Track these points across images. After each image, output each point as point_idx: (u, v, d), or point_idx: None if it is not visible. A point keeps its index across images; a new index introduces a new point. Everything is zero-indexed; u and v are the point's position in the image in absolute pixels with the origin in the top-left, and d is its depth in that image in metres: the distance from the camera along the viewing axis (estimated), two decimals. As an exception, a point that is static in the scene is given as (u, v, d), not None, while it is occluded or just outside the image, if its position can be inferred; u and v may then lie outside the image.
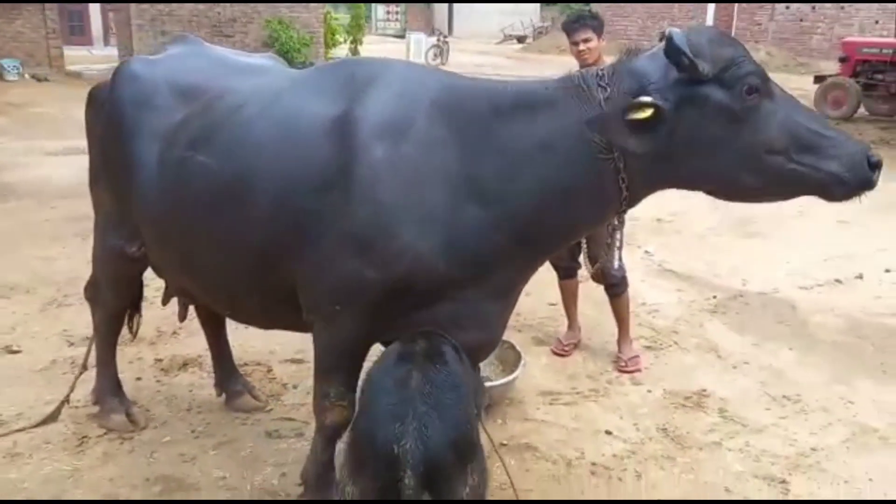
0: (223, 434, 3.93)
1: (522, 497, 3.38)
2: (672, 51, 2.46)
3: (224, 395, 4.20)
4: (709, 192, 2.73)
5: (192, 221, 3.04)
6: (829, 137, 2.54)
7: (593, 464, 3.72)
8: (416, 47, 28.41)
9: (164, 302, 3.91)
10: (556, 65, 21.92)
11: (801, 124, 2.54)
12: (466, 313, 2.85)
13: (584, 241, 4.51)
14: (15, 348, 4.83)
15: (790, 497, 3.47)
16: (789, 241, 7.68)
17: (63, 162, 10.81)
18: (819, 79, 17.25)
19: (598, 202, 2.71)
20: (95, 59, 25.51)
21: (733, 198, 2.81)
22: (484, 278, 2.81)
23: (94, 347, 4.01)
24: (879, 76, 16.72)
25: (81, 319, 5.25)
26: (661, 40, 2.60)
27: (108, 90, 3.40)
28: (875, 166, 2.51)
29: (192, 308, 3.97)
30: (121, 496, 3.37)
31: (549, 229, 2.78)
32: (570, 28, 4.52)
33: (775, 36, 29.58)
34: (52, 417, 3.91)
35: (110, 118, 3.31)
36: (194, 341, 4.98)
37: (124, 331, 4.06)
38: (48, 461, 3.62)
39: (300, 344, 4.95)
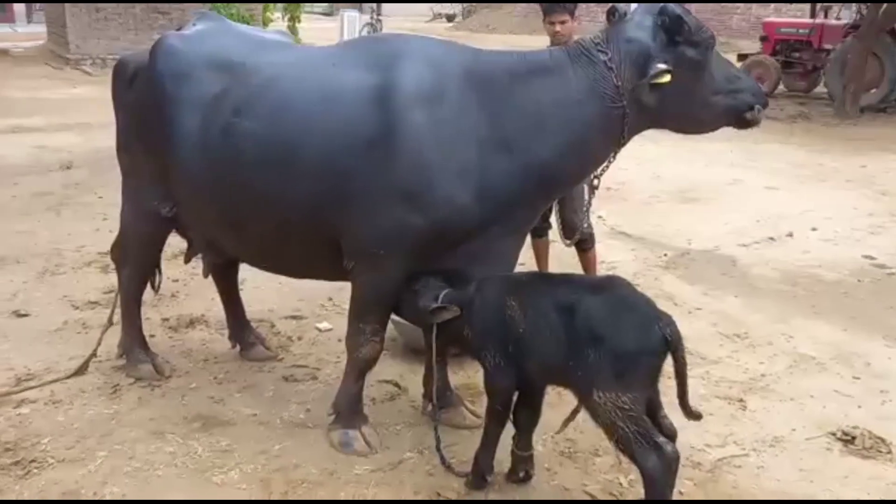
0: (244, 380, 4.30)
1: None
2: (674, 20, 3.11)
3: (238, 347, 4.56)
4: (672, 129, 3.48)
5: (239, 180, 3.41)
6: (741, 77, 3.43)
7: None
8: (350, 25, 28.37)
9: (187, 260, 4.27)
10: (490, 42, 22.37)
11: (727, 69, 3.38)
12: (488, 250, 3.38)
13: (555, 203, 5.03)
14: (23, 312, 5.06)
15: (747, 411, 4.07)
16: (725, 205, 8.41)
17: (10, 141, 10.75)
18: (742, 57, 18.18)
19: (605, 144, 3.32)
20: (20, 36, 24.87)
21: (688, 131, 3.59)
22: (507, 218, 3.34)
23: (118, 304, 4.32)
24: (797, 54, 17.81)
25: (79, 286, 5.57)
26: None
27: (144, 64, 3.71)
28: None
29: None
30: (164, 432, 3.71)
31: (565, 171, 3.36)
32: (549, 9, 4.97)
33: (698, 15, 30.74)
34: (81, 370, 4.21)
35: (150, 90, 3.64)
36: (193, 302, 5.33)
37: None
38: (89, 406, 3.94)
39: (296, 303, 5.37)
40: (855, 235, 7.34)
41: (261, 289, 5.39)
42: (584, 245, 5.33)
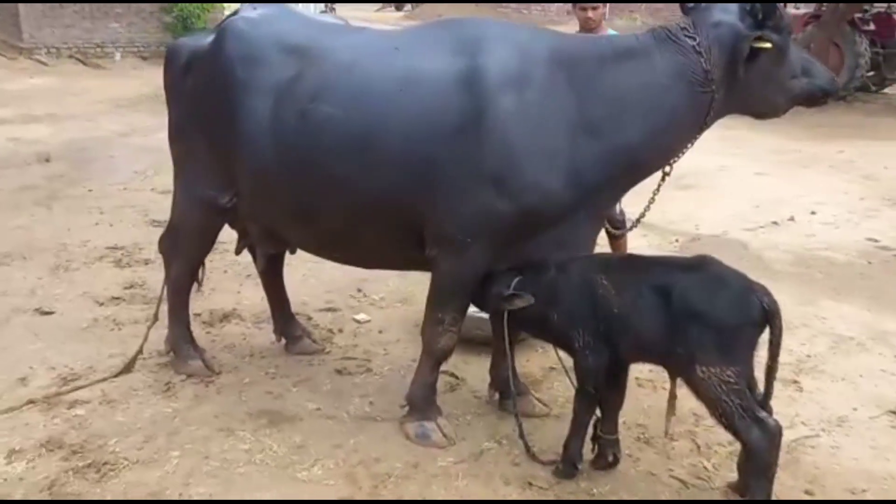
0: (297, 374, 4.20)
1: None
2: (767, 6, 3.11)
3: (283, 341, 4.45)
4: (749, 113, 3.49)
5: (316, 167, 3.31)
6: (813, 62, 3.44)
7: (636, 378, 4.24)
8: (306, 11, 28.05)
9: (238, 252, 4.14)
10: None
11: (801, 55, 3.42)
12: (572, 236, 3.36)
13: None
14: (46, 310, 4.86)
15: (804, 392, 4.13)
16: (720, 191, 8.54)
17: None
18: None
19: (689, 128, 3.31)
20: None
21: (763, 115, 3.54)
22: (592, 203, 3.32)
23: (163, 299, 4.17)
24: (757, 43, 18.16)
25: (96, 282, 5.38)
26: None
27: (204, 49, 3.57)
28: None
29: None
30: (234, 429, 3.60)
31: (651, 156, 3.34)
32: None
33: (650, 6, 31.18)
34: (129, 367, 4.06)
35: (215, 75, 3.49)
36: (221, 297, 5.19)
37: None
38: (146, 405, 3.79)
39: (326, 295, 5.28)
40: (853, 219, 7.52)
41: (287, 282, 5.26)
42: (618, 231, 5.33)
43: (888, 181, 8.92)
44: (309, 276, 5.53)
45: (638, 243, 6.66)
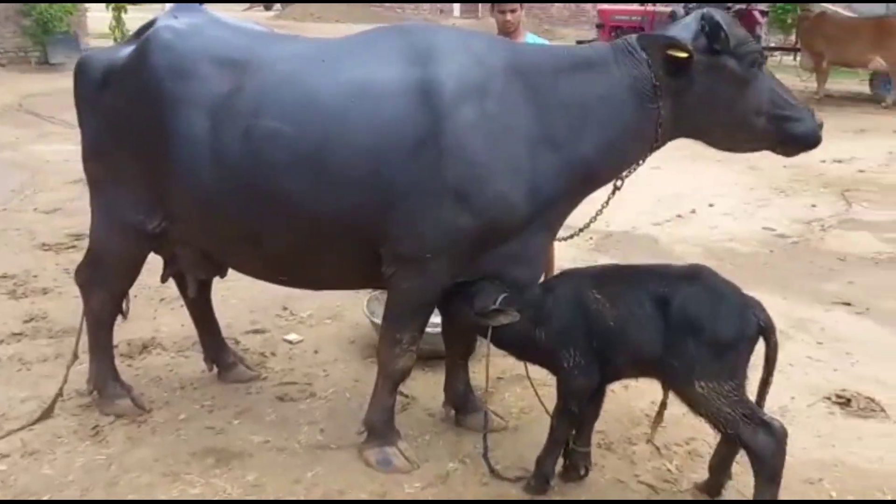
0: (236, 405, 3.94)
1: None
2: (713, 26, 3.02)
3: (216, 369, 4.17)
4: (706, 142, 3.34)
5: (261, 186, 3.09)
6: (795, 107, 3.22)
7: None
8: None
9: (164, 279, 3.84)
10: (321, 32, 21.97)
11: (779, 94, 3.20)
12: (526, 249, 3.28)
13: None
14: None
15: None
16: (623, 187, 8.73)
17: None
18: (580, 43, 19.01)
19: (642, 143, 3.23)
20: None
21: (723, 147, 3.41)
22: (547, 215, 3.25)
23: (83, 334, 3.82)
24: (631, 41, 18.87)
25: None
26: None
27: (124, 62, 3.28)
28: (821, 127, 3.26)
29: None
30: (179, 473, 3.33)
31: (604, 169, 3.28)
32: None
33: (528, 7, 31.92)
34: (47, 413, 3.70)
35: (141, 89, 3.21)
36: (136, 326, 4.82)
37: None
38: (75, 454, 3.46)
39: (250, 316, 5.02)
40: (748, 209, 7.89)
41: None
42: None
43: (771, 171, 9.40)
44: (228, 296, 5.22)
45: (556, 244, 6.72)
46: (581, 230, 3.82)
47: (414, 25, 3.30)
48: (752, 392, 3.05)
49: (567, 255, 6.34)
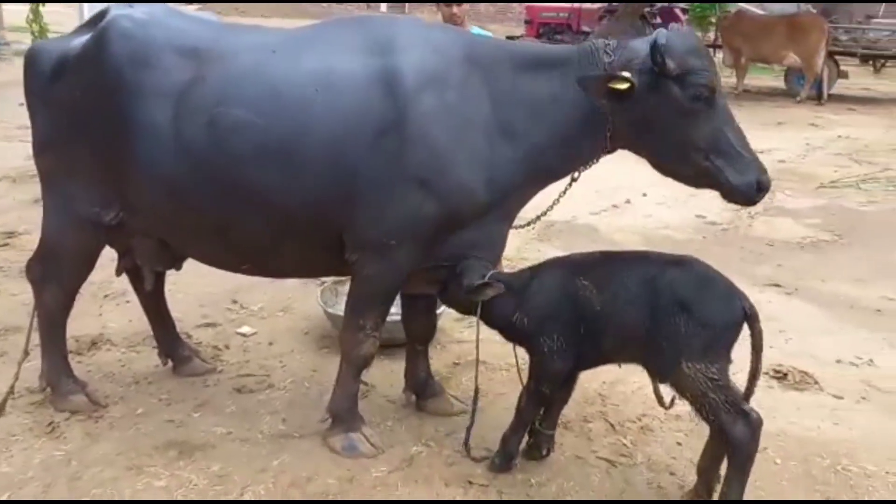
0: (194, 398, 3.91)
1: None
2: (653, 48, 3.03)
3: (170, 363, 4.13)
4: (651, 164, 3.33)
5: (226, 175, 3.10)
6: (740, 155, 3.11)
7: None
8: (91, 10, 26.15)
9: (119, 272, 3.79)
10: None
11: (725, 137, 3.10)
12: (486, 237, 3.35)
13: None
14: None
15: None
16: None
17: None
18: (510, 38, 19.27)
19: (593, 145, 3.26)
20: None
21: (665, 173, 3.32)
22: (505, 204, 3.32)
23: (34, 331, 3.73)
24: (558, 36, 19.23)
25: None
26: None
27: (78, 52, 3.22)
28: (761, 188, 3.13)
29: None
30: (142, 466, 3.29)
31: (558, 165, 3.35)
32: None
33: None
34: (-1, 411, 3.60)
35: (99, 79, 3.17)
36: (82, 322, 4.69)
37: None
38: (32, 451, 3.38)
39: (200, 310, 4.98)
40: (680, 198, 8.14)
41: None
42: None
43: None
44: (175, 290, 5.11)
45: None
46: (537, 218, 3.86)
47: (375, 16, 3.34)
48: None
49: (511, 244, 6.43)
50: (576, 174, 3.49)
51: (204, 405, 3.85)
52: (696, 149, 3.10)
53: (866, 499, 3.30)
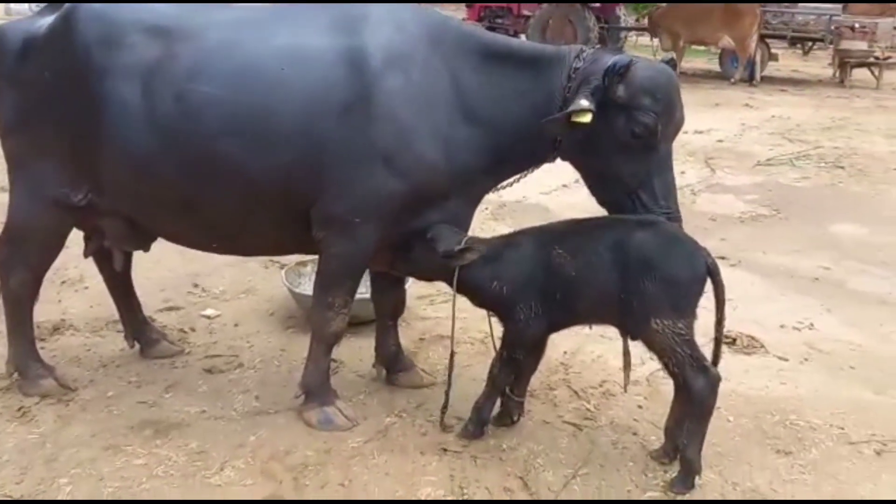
0: (164, 379, 3.94)
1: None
2: (607, 69, 3.08)
3: (137, 346, 4.14)
4: (583, 180, 3.51)
5: (196, 152, 3.15)
6: (659, 205, 3.21)
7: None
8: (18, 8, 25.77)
9: (87, 254, 3.79)
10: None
11: (653, 184, 3.20)
12: (449, 220, 3.43)
13: None
14: None
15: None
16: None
17: None
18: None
19: (544, 150, 3.36)
20: None
21: (591, 192, 3.53)
22: (465, 189, 3.42)
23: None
24: (500, 20, 19.42)
25: None
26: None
27: (44, 33, 3.21)
28: None
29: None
30: (119, 446, 3.32)
31: (518, 159, 3.43)
32: None
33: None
34: (-35, 398, 3.57)
35: (68, 60, 3.16)
36: (41, 308, 4.47)
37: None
38: (4, 435, 3.38)
39: (161, 294, 4.98)
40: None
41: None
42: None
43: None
44: (134, 275, 5.05)
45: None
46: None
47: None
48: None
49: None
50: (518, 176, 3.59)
51: (175, 386, 3.88)
52: (622, 183, 3.22)
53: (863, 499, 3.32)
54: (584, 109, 3.01)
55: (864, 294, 5.44)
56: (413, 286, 4.42)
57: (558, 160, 3.49)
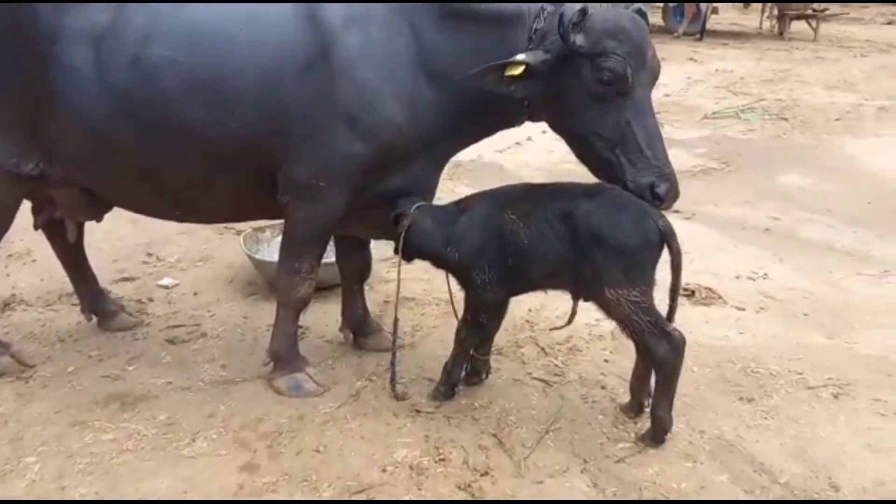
0: (126, 352, 3.86)
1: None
2: (560, 20, 2.96)
3: (95, 319, 4.04)
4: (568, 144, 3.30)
5: (154, 116, 3.05)
6: (645, 156, 3.03)
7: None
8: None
9: (38, 226, 3.66)
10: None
11: (634, 133, 3.01)
12: (414, 184, 3.39)
13: None
14: None
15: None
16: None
17: None
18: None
19: (514, 111, 3.26)
20: None
21: (577, 156, 3.32)
22: (430, 152, 3.37)
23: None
24: None
25: None
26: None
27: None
28: (657, 195, 3.07)
29: None
30: (86, 421, 3.25)
31: (483, 119, 3.34)
32: None
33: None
34: (-82, 379, 3.44)
35: (15, 25, 3.00)
36: (-13, 283, 4.52)
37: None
38: (-36, 414, 3.27)
39: (113, 265, 4.87)
40: (577, 134, 8.45)
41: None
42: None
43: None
44: (86, 246, 4.98)
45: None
46: None
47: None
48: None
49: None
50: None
51: (138, 358, 3.80)
52: (601, 138, 3.05)
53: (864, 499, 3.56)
54: (516, 62, 2.95)
55: (813, 242, 5.60)
56: (377, 249, 4.38)
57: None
